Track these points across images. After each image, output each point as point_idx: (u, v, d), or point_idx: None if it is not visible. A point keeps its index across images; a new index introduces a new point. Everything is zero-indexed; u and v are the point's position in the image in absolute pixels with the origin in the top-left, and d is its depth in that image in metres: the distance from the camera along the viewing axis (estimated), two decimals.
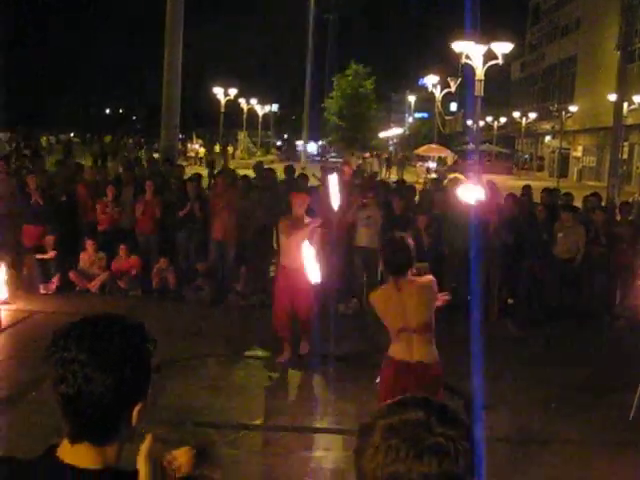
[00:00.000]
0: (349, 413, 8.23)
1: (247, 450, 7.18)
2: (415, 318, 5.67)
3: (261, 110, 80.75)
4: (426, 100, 74.58)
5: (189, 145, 62.79)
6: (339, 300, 12.45)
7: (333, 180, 9.03)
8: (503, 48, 23.00)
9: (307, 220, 9.59)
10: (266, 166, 17.63)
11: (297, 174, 15.58)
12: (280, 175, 15.93)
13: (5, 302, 11.97)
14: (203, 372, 9.52)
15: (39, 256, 13.08)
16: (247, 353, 10.35)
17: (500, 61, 22.85)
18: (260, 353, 10.47)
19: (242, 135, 74.49)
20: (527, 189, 15.27)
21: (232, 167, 29.55)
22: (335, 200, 8.98)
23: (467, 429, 1.50)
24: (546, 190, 14.89)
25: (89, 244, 13.26)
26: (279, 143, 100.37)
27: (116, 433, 1.91)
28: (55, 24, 78.72)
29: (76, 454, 1.87)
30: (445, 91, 48.28)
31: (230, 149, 65.92)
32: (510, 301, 13.39)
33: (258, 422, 7.91)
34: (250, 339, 10.87)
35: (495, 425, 7.65)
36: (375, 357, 10.24)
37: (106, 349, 1.84)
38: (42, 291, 12.95)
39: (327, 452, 7.33)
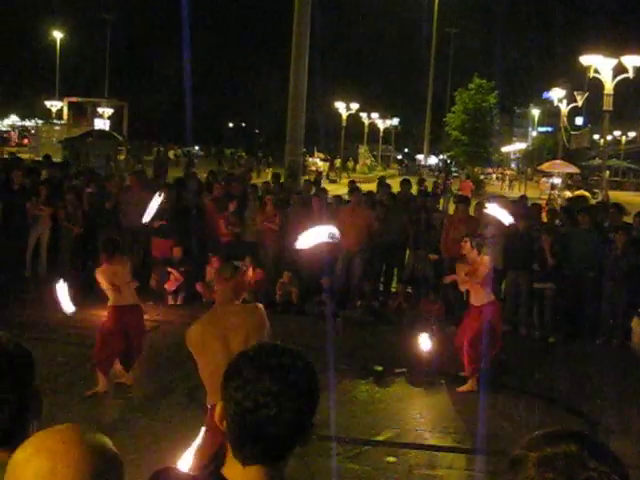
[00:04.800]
0: (471, 433, 8.17)
1: (369, 466, 7.22)
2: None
3: (382, 124, 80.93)
4: (550, 114, 73.12)
5: (310, 159, 63.38)
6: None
7: None
8: (634, 61, 22.38)
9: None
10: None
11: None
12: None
13: None
14: (326, 386, 9.60)
15: (169, 269, 13.49)
16: (368, 368, 10.38)
17: (631, 75, 22.22)
18: (380, 368, 10.52)
19: (363, 149, 74.73)
20: None
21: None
22: None
23: (619, 464, 1.51)
24: None
25: (214, 257, 13.59)
26: (400, 157, 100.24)
27: (288, 456, 2.03)
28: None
29: (246, 475, 1.98)
30: (571, 105, 47.20)
31: (350, 164, 66.30)
32: None
33: (381, 438, 7.95)
34: (371, 354, 10.94)
35: (622, 452, 7.45)
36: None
37: (296, 381, 1.97)
38: (170, 302, 13.36)
39: (450, 470, 7.30)
